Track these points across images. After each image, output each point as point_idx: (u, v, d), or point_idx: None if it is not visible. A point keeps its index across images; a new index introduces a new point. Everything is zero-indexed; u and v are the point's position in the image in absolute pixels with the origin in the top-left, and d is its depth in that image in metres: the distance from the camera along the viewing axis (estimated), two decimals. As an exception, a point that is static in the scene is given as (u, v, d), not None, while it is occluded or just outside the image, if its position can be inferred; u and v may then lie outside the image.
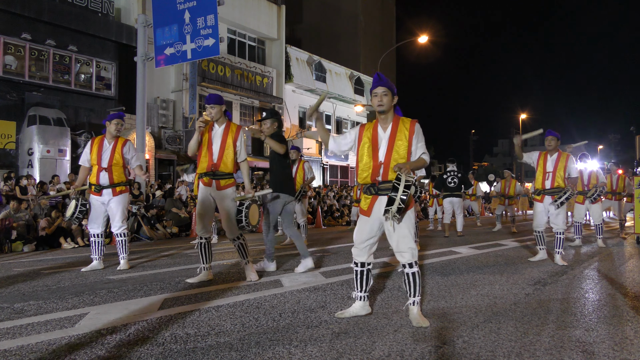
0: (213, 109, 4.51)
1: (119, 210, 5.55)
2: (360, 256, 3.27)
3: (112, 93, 16.72)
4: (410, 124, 3.21)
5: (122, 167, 5.56)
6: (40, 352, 2.55)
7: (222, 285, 4.42)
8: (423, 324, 3.06)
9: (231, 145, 4.52)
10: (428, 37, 23.89)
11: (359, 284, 3.29)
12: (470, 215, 16.98)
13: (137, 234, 10.23)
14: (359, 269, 3.29)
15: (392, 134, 3.21)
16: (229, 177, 4.57)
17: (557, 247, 5.91)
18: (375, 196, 3.22)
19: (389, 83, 3.24)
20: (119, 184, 5.52)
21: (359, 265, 3.29)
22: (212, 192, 4.55)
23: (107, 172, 5.48)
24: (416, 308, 3.14)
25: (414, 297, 3.15)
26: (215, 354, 2.52)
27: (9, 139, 14.11)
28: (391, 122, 3.25)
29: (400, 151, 3.16)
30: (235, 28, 21.47)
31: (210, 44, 11.82)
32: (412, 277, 3.14)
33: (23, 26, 14.43)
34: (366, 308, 3.30)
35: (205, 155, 4.52)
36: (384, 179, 3.18)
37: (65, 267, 5.69)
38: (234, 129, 4.58)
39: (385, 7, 42.11)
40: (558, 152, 5.98)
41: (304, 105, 25.23)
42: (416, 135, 3.20)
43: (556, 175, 5.86)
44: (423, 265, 5.76)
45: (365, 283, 3.28)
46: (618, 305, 3.65)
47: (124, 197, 5.59)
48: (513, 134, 57.29)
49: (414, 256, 3.13)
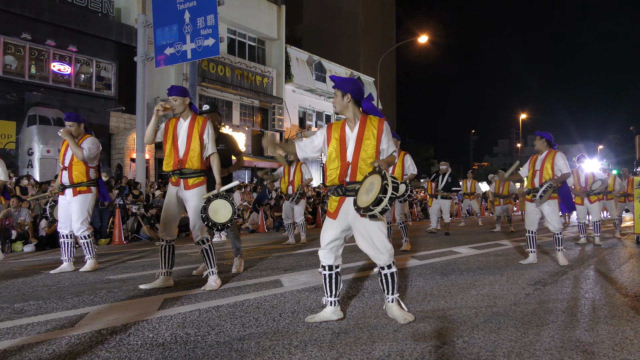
0: (175, 101, 4.26)
1: (77, 211, 5.40)
2: (327, 259, 3.15)
3: (112, 93, 16.73)
4: (378, 123, 3.12)
5: (83, 167, 5.45)
6: (40, 352, 2.55)
7: (222, 285, 4.42)
8: (409, 319, 3.04)
9: (197, 139, 4.24)
10: (428, 37, 23.91)
11: (328, 288, 3.15)
12: (470, 215, 16.97)
13: (137, 234, 10.24)
14: (327, 273, 3.16)
15: (359, 134, 3.11)
16: (197, 175, 4.28)
17: (558, 245, 5.89)
18: (343, 197, 3.12)
19: (338, 82, 3.14)
20: (79, 184, 5.43)
21: (326, 269, 3.16)
22: (179, 191, 4.30)
23: (67, 172, 5.45)
24: (395, 305, 3.11)
25: (392, 295, 3.10)
26: (215, 354, 2.51)
27: (9, 139, 14.12)
28: (358, 121, 3.14)
29: (369, 150, 3.07)
30: (235, 28, 21.47)
31: (210, 44, 11.84)
32: (391, 277, 3.08)
33: (23, 26, 14.43)
34: (337, 313, 3.15)
35: (170, 153, 4.29)
36: (351, 180, 3.07)
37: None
38: (200, 122, 4.30)
39: (385, 7, 42.12)
40: (547, 152, 5.93)
41: (304, 105, 25.25)
42: (385, 134, 3.11)
43: (543, 173, 5.83)
44: (423, 265, 5.76)
45: (335, 287, 3.15)
46: (618, 305, 3.65)
47: (84, 197, 5.43)
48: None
49: (391, 256, 3.06)
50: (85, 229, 5.47)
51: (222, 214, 4.18)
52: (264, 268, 5.51)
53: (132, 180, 12.73)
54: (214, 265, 4.32)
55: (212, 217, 4.12)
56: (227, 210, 4.21)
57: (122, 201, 10.55)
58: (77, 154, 5.40)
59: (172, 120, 4.41)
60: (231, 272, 5.11)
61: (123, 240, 9.56)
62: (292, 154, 3.41)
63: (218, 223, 4.16)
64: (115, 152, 16.50)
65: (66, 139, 5.41)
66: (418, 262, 5.96)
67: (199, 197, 4.23)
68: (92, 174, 5.57)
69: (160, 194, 12.64)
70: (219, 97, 20.57)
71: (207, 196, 4.17)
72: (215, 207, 4.16)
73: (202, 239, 4.31)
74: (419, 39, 24.06)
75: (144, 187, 12.55)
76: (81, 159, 5.41)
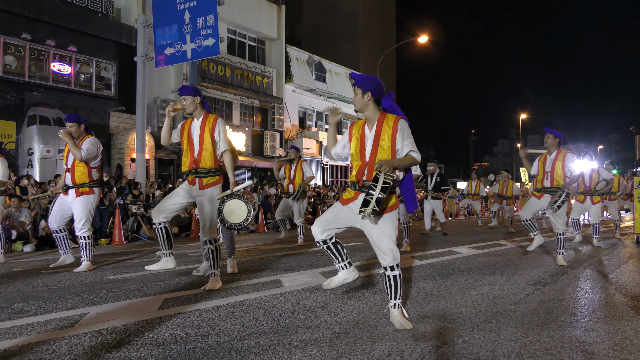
0: (185, 100, 4.26)
1: (79, 212, 5.44)
2: (317, 234, 3.12)
3: (112, 93, 16.72)
4: (394, 122, 3.06)
5: (85, 168, 5.48)
6: (40, 352, 2.55)
7: (222, 285, 4.42)
8: (407, 326, 2.98)
9: (209, 138, 4.23)
10: (428, 37, 23.91)
11: (333, 257, 3.17)
12: (470, 215, 16.97)
13: (137, 234, 10.24)
14: (324, 246, 3.15)
15: (376, 133, 3.08)
16: (212, 174, 4.25)
17: (559, 247, 5.89)
18: (358, 192, 3.11)
19: (359, 80, 3.12)
20: (81, 185, 5.46)
21: (321, 244, 3.15)
22: (194, 190, 4.26)
23: (70, 173, 5.48)
24: (397, 311, 3.05)
25: (395, 300, 3.05)
26: (215, 354, 2.51)
27: (9, 139, 14.11)
28: (376, 121, 3.11)
29: (385, 151, 3.04)
30: (235, 28, 21.46)
31: (210, 44, 11.83)
32: (394, 280, 3.03)
33: (23, 26, 14.42)
34: (352, 274, 3.17)
35: (187, 153, 4.30)
36: (368, 179, 3.05)
37: (65, 267, 5.68)
38: (211, 120, 4.28)
39: (385, 7, 42.10)
40: (557, 151, 5.88)
41: (303, 105, 25.23)
42: (400, 133, 3.04)
43: (554, 175, 5.80)
44: (423, 265, 5.76)
45: (339, 254, 3.16)
46: (618, 305, 3.65)
47: (86, 198, 5.47)
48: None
49: (395, 259, 2.99)
50: (87, 230, 5.50)
51: (237, 213, 4.13)
52: (264, 268, 5.52)
53: (132, 180, 12.73)
54: (217, 267, 4.30)
55: (227, 218, 4.08)
56: (243, 209, 4.13)
57: (122, 201, 10.55)
58: (75, 155, 5.41)
59: (188, 120, 4.42)
60: (228, 272, 5.11)
61: (123, 240, 9.55)
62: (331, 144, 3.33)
63: (234, 223, 4.11)
64: (115, 152, 16.49)
65: (65, 140, 5.43)
66: (418, 262, 5.96)
67: (212, 197, 4.20)
68: (95, 175, 5.59)
69: (160, 194, 12.65)
70: (219, 97, 20.57)
71: (221, 196, 4.12)
72: (230, 207, 4.11)
73: (210, 239, 4.25)
74: (419, 39, 24.05)
75: (144, 187, 12.55)
76: (80, 160, 5.43)
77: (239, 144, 20.41)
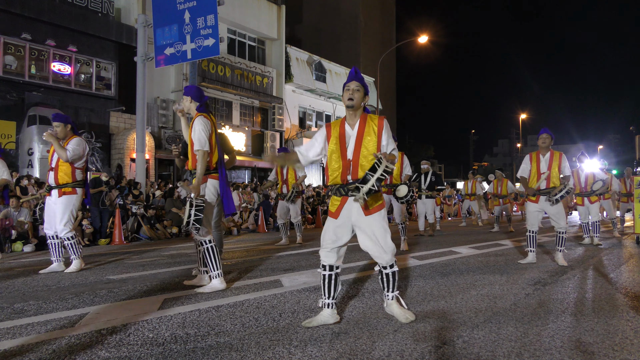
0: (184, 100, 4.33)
1: (61, 212, 5.36)
2: (327, 258, 3.11)
3: (112, 93, 16.73)
4: (378, 120, 3.11)
5: (69, 168, 5.44)
6: (40, 352, 2.55)
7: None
8: (411, 317, 3.05)
9: (190, 139, 4.23)
10: (428, 37, 23.90)
11: (326, 289, 3.10)
12: (470, 215, 16.97)
13: (137, 234, 10.24)
14: (326, 273, 3.11)
15: (360, 131, 3.08)
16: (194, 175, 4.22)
17: (559, 245, 5.89)
18: (345, 197, 3.08)
19: (363, 80, 3.17)
20: (64, 185, 5.40)
21: (327, 269, 3.11)
22: None
23: (53, 172, 5.45)
24: (395, 302, 3.12)
25: (392, 292, 3.11)
26: (215, 354, 2.51)
27: (9, 139, 14.11)
28: (359, 119, 3.13)
29: (370, 147, 3.04)
30: (235, 28, 21.46)
31: (210, 44, 11.84)
32: (392, 275, 3.09)
33: (23, 26, 14.42)
34: (334, 316, 3.09)
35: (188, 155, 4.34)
36: (353, 178, 3.03)
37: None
38: (193, 120, 4.24)
39: (385, 7, 42.11)
40: (550, 152, 5.92)
41: (303, 105, 25.24)
42: (385, 131, 3.07)
43: (552, 176, 5.82)
44: (423, 265, 5.76)
45: (333, 289, 3.10)
46: (618, 305, 3.65)
47: (68, 198, 5.40)
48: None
49: (394, 255, 3.07)
50: (68, 231, 5.39)
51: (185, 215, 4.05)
52: (264, 268, 5.51)
53: (132, 180, 12.74)
54: (218, 268, 4.22)
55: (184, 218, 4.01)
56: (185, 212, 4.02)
57: (122, 201, 10.55)
58: (61, 155, 5.38)
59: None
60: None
61: (123, 240, 9.55)
62: (295, 162, 3.28)
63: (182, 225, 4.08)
64: (115, 152, 16.49)
65: (50, 141, 5.40)
66: (418, 262, 5.96)
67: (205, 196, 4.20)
68: (79, 175, 5.53)
69: (160, 194, 12.65)
70: (219, 97, 20.57)
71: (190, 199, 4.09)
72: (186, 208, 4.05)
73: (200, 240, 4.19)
74: (419, 39, 24.05)
75: (144, 187, 12.55)
76: (65, 160, 5.40)
77: (239, 144, 20.41)
